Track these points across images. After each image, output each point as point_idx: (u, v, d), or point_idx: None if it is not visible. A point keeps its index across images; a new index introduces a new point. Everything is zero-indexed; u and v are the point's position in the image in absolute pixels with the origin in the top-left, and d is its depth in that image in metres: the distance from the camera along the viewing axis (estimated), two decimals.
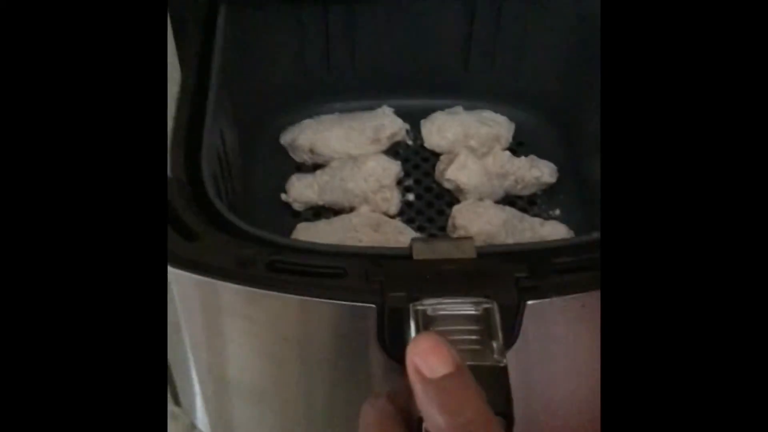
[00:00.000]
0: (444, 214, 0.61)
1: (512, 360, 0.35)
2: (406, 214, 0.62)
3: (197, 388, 0.48)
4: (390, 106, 0.67)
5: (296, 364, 0.43)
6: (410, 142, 0.67)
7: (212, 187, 0.44)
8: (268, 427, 0.48)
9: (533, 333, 0.40)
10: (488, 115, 0.67)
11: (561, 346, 0.42)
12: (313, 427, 0.47)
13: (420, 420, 0.32)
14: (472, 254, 0.39)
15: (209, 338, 0.43)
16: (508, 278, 0.38)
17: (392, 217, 0.61)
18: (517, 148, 0.66)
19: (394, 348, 0.39)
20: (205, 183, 0.44)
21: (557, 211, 0.63)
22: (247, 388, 0.46)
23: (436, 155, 0.66)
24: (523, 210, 0.62)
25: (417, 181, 0.64)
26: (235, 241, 0.40)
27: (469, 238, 0.46)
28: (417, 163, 0.66)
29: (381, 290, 0.37)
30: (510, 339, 0.39)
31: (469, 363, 0.32)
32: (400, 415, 0.34)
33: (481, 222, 0.58)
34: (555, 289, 0.38)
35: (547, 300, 0.38)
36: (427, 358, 0.31)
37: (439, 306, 0.36)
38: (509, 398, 0.33)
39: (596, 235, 0.43)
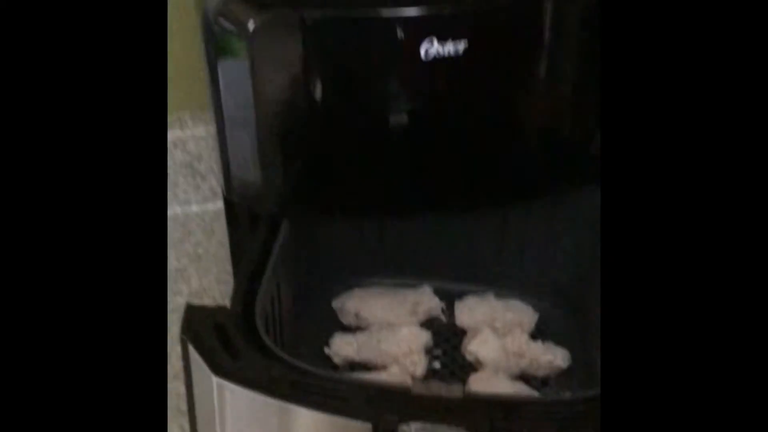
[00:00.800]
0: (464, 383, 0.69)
1: None
2: (431, 378, 0.70)
3: None
4: (430, 285, 0.77)
5: None
6: (444, 319, 0.76)
7: (262, 324, 0.54)
8: None
9: None
10: (515, 303, 0.76)
11: None
12: None
13: None
14: (459, 394, 0.48)
15: None
16: (484, 418, 0.46)
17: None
18: (536, 333, 0.75)
19: None
20: (257, 318, 0.54)
21: (568, 394, 0.70)
22: None
23: (465, 332, 0.75)
24: (536, 389, 0.69)
25: (444, 352, 0.73)
26: (270, 362, 0.50)
27: (458, 383, 0.54)
28: (448, 336, 0.75)
29: (376, 413, 0.46)
30: None
31: None
32: None
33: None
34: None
35: None
36: None
37: (422, 429, 0.45)
38: None
39: (574, 395, 0.51)
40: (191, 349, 0.51)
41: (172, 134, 0.92)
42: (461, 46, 0.54)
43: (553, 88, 0.60)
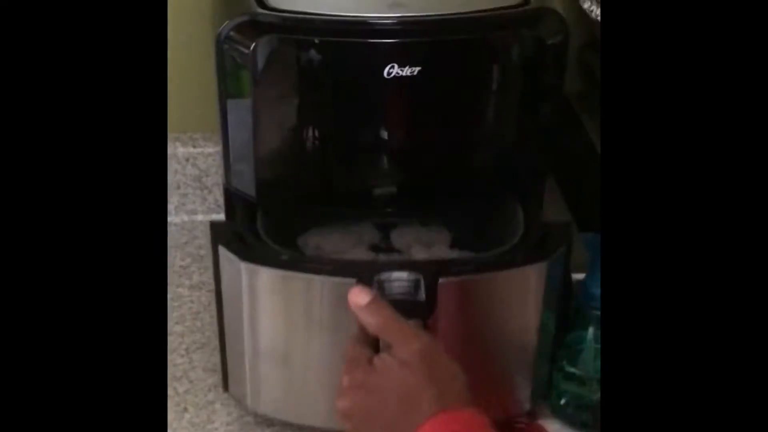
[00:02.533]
0: None
1: None
2: None
3: (246, 362, 0.77)
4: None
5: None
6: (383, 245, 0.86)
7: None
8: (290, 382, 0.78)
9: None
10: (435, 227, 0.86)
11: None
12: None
13: (375, 337, 0.62)
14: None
15: (256, 314, 0.74)
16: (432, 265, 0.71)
17: None
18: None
19: None
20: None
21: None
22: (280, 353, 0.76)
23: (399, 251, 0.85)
24: None
25: None
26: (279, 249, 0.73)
27: None
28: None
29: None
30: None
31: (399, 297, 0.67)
32: (367, 340, 0.63)
33: None
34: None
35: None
36: (357, 295, 0.63)
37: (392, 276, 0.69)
38: (424, 312, 0.66)
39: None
40: (221, 248, 0.74)
41: (185, 151, 1.07)
42: (416, 69, 0.69)
43: (489, 106, 0.75)
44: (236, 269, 0.74)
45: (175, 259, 1.04)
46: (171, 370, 0.88)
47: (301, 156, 0.75)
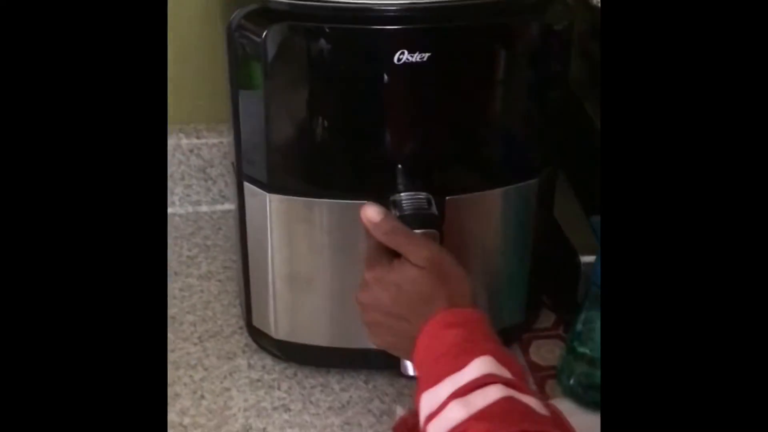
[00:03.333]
0: None
1: None
2: None
3: (270, 291, 0.82)
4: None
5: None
6: None
7: None
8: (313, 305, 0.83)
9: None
10: None
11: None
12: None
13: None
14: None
15: (281, 242, 0.79)
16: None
17: None
18: None
19: None
20: None
21: None
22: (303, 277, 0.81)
23: None
24: None
25: None
26: None
27: None
28: None
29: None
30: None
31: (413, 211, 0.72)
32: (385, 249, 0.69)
33: None
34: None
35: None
36: (369, 211, 0.68)
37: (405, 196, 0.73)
38: (437, 224, 0.71)
39: None
40: (246, 184, 0.79)
41: (189, 142, 1.08)
42: (426, 55, 0.70)
43: (497, 91, 0.76)
44: (261, 201, 0.78)
45: (182, 250, 1.05)
46: (185, 359, 0.89)
47: (312, 142, 0.76)
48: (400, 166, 0.75)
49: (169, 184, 1.09)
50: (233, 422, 0.82)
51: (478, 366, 0.61)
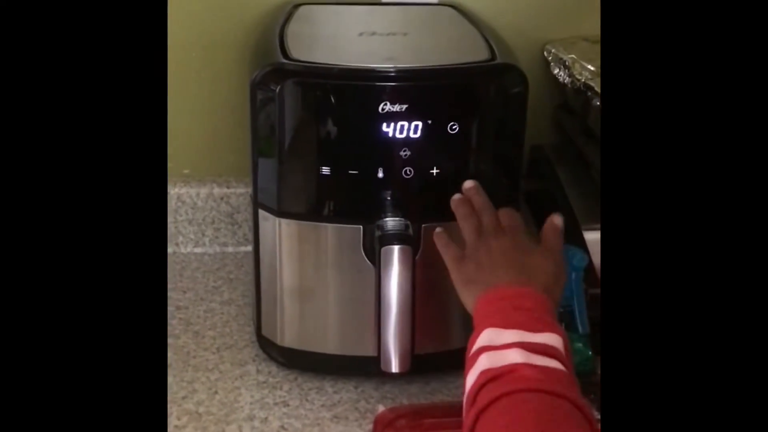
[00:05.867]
0: None
1: None
2: None
3: (277, 303, 0.98)
4: None
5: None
6: None
7: None
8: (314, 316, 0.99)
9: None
10: None
11: None
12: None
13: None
14: None
15: (288, 260, 0.96)
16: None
17: None
18: None
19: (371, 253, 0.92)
20: None
21: None
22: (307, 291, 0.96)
23: None
24: None
25: None
26: None
27: None
28: None
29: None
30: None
31: (394, 231, 0.92)
32: None
33: None
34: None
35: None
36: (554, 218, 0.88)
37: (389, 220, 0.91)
38: (412, 242, 0.91)
39: None
40: (261, 210, 0.96)
41: (220, 191, 1.27)
42: (404, 106, 0.89)
43: (463, 141, 0.93)
44: (273, 224, 0.95)
45: (208, 281, 1.23)
46: (204, 364, 1.05)
47: (316, 176, 0.93)
48: (387, 198, 0.93)
49: (201, 227, 1.28)
50: (240, 412, 0.98)
51: (550, 338, 0.67)
